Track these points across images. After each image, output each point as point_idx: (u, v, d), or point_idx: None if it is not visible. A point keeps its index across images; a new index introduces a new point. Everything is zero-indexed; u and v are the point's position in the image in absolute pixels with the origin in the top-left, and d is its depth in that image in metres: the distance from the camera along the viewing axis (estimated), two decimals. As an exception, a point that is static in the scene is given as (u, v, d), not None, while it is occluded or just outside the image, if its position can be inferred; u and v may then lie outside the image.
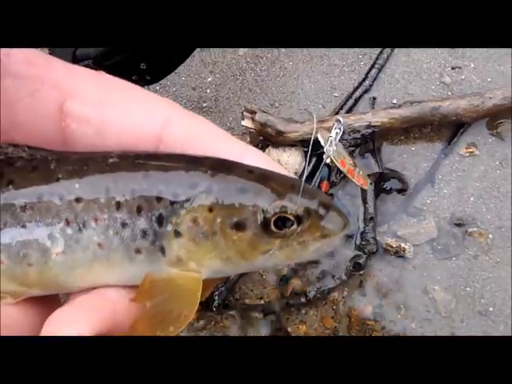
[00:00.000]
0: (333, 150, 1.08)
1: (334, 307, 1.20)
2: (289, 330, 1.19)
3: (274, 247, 0.50)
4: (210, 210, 0.50)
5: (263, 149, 1.27)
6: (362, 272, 1.21)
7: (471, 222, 1.23)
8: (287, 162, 1.25)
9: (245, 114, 1.23)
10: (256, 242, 0.50)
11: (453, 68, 1.33)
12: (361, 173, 1.18)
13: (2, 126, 0.53)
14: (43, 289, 0.53)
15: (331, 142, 1.08)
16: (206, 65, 1.36)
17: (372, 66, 1.32)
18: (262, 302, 1.21)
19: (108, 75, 0.56)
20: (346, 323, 1.19)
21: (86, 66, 1.03)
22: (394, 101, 1.30)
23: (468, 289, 1.20)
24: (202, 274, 0.51)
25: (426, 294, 1.19)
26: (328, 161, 1.10)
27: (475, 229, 1.22)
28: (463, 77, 1.33)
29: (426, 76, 1.33)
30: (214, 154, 0.52)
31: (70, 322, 0.47)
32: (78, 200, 0.51)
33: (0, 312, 0.52)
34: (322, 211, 0.50)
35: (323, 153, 1.16)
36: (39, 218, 0.51)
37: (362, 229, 1.22)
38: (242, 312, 1.21)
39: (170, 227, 0.50)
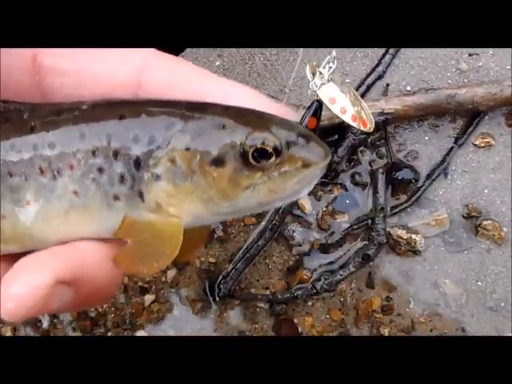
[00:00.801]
0: (322, 87, 0.97)
1: (342, 299, 1.18)
2: (295, 321, 1.17)
3: (255, 181, 0.49)
4: (188, 148, 0.48)
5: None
6: (370, 264, 1.18)
7: (484, 214, 1.19)
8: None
9: (252, 99, 1.19)
10: (236, 177, 0.48)
11: (470, 55, 1.28)
12: (364, 116, 1.06)
13: None
14: (18, 244, 0.52)
15: (320, 77, 0.96)
16: (214, 48, 1.32)
17: (386, 52, 1.28)
18: (268, 292, 1.19)
19: None
20: (353, 316, 1.17)
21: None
22: (408, 88, 1.26)
23: (479, 283, 1.17)
24: (182, 221, 0.50)
25: (436, 288, 1.16)
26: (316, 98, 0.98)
27: (488, 222, 1.19)
28: (480, 64, 1.28)
29: (441, 63, 1.29)
30: (199, 95, 0.50)
31: (32, 268, 0.46)
32: (51, 147, 0.50)
33: None
34: (301, 141, 0.49)
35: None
36: (12, 168, 0.50)
37: (372, 219, 1.19)
38: (247, 302, 1.20)
39: (147, 170, 0.49)
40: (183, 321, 1.20)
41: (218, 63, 1.32)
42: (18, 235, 0.51)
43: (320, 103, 0.98)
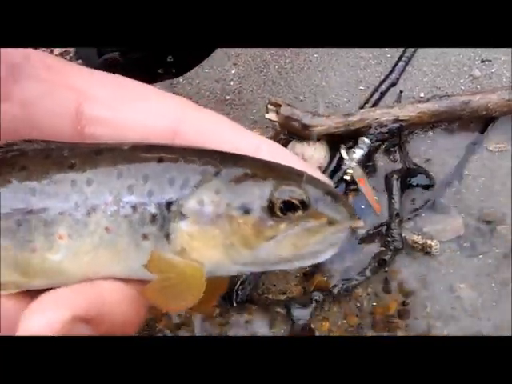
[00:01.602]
0: (355, 168, 1.08)
1: (358, 304, 1.19)
2: (312, 326, 1.19)
3: (278, 233, 0.49)
4: (217, 192, 0.49)
5: (286, 143, 1.26)
6: (386, 269, 1.19)
7: (500, 219, 1.20)
8: (311, 157, 1.23)
9: (269, 106, 1.21)
10: (261, 225, 0.49)
11: (482, 61, 1.30)
12: (375, 197, 1.18)
13: (21, 126, 0.55)
14: (44, 280, 0.52)
15: (354, 158, 1.08)
16: (230, 57, 1.34)
17: (399, 59, 1.29)
18: (285, 297, 1.21)
19: (123, 77, 0.57)
20: (370, 320, 1.18)
21: (113, 58, 1.03)
22: (422, 94, 1.28)
23: (495, 287, 1.18)
24: (204, 268, 0.50)
25: (451, 292, 1.17)
26: (347, 177, 1.10)
27: (503, 226, 1.20)
28: (493, 70, 1.30)
29: (454, 69, 1.30)
30: (231, 147, 0.52)
31: (51, 304, 0.47)
32: (88, 184, 0.51)
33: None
34: (328, 199, 0.50)
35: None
36: (48, 201, 0.51)
37: (388, 224, 1.20)
38: (265, 307, 1.21)
39: (175, 209, 0.50)
40: (201, 326, 1.22)
41: (233, 71, 1.34)
42: (46, 270, 0.52)
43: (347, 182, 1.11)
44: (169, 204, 0.50)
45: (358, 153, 1.12)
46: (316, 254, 0.51)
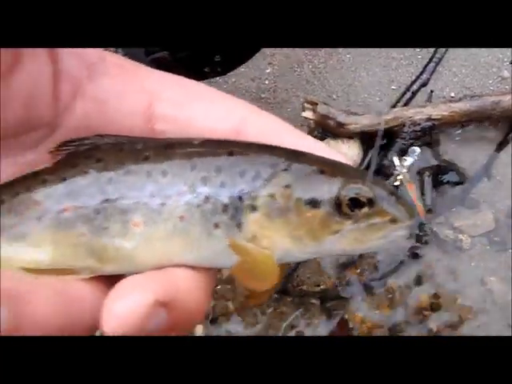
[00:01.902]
0: (404, 175, 1.14)
1: (390, 296, 1.23)
2: (345, 317, 1.23)
3: (344, 228, 0.52)
4: (287, 186, 0.52)
5: (321, 140, 1.30)
6: (418, 262, 1.23)
7: (529, 214, 1.24)
8: (345, 154, 1.27)
9: (305, 105, 1.25)
10: (328, 220, 0.52)
11: (511, 62, 1.34)
12: (419, 203, 1.23)
13: (94, 123, 0.57)
14: (118, 265, 0.55)
15: (404, 166, 1.15)
16: (265, 56, 1.38)
17: (430, 60, 1.33)
18: (319, 289, 1.25)
19: (189, 79, 0.60)
20: (402, 312, 1.22)
21: (162, 57, 1.07)
22: (452, 94, 1.32)
23: (525, 281, 1.22)
24: (274, 254, 0.52)
25: (482, 285, 1.21)
26: (397, 183, 1.16)
27: (532, 221, 1.24)
28: (522, 71, 1.34)
29: (483, 70, 1.34)
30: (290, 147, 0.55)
31: (135, 288, 0.48)
32: (164, 175, 0.54)
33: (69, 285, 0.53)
34: (391, 199, 0.53)
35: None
36: (124, 190, 0.54)
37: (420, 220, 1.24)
38: (299, 298, 1.25)
39: (248, 202, 0.52)
40: (238, 318, 1.26)
41: (268, 71, 1.39)
42: (120, 256, 0.54)
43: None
44: (240, 195, 0.53)
45: (409, 161, 1.18)
46: (375, 247, 0.53)
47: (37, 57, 0.54)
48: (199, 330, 1.26)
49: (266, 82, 1.37)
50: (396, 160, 1.20)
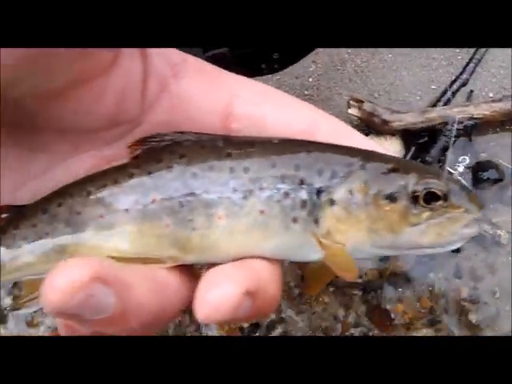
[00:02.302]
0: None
1: (431, 288, 1.28)
2: (387, 307, 1.27)
3: (421, 220, 0.55)
4: (365, 183, 0.55)
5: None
6: (458, 255, 1.28)
7: None
8: (388, 150, 1.32)
9: (351, 102, 1.30)
10: (406, 213, 0.55)
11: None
12: None
13: (175, 119, 0.62)
14: (200, 255, 0.58)
15: (457, 171, 1.21)
16: (309, 55, 1.43)
17: (470, 61, 1.38)
18: (361, 280, 1.29)
19: (262, 83, 0.65)
20: (442, 303, 1.26)
21: (222, 53, 1.11)
22: (491, 94, 1.36)
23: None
24: (345, 248, 0.56)
25: (520, 279, 1.26)
26: None
27: None
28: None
29: (521, 71, 1.39)
30: (361, 145, 0.59)
31: (226, 278, 0.51)
32: (246, 171, 0.56)
33: (157, 274, 0.56)
34: (463, 193, 0.57)
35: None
36: (209, 185, 0.56)
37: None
38: (341, 289, 1.30)
39: (326, 197, 0.55)
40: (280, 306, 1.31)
41: (311, 69, 1.43)
42: (203, 247, 0.57)
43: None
44: (319, 191, 0.56)
45: (461, 168, 1.23)
46: (450, 242, 0.57)
47: (132, 57, 0.58)
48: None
49: (310, 80, 1.42)
50: (450, 169, 1.25)
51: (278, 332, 1.27)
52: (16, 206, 0.60)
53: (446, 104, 1.35)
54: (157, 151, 0.59)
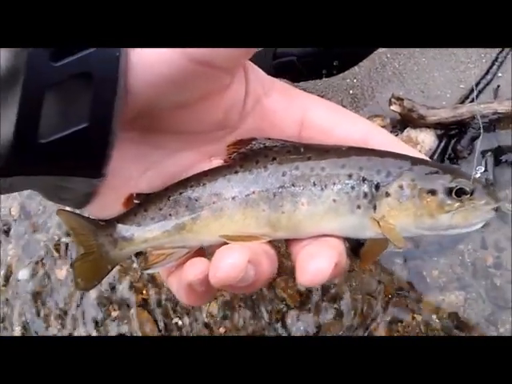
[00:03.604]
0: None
1: (460, 257, 1.50)
2: (424, 273, 1.50)
3: (453, 209, 0.69)
4: (413, 180, 0.69)
5: (402, 130, 1.57)
6: (483, 230, 1.50)
7: None
8: (423, 141, 1.54)
9: (393, 100, 1.52)
10: (442, 203, 0.69)
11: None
12: None
13: (263, 126, 0.74)
14: (286, 232, 0.70)
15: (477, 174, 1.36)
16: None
17: (493, 63, 1.59)
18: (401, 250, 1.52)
19: (326, 100, 0.78)
20: (471, 270, 1.48)
21: (289, 61, 1.33)
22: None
23: None
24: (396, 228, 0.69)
25: (536, 250, 1.48)
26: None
27: None
28: None
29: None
30: (404, 152, 0.73)
31: (320, 254, 0.63)
32: (322, 170, 0.71)
33: (264, 248, 0.68)
34: (485, 189, 0.71)
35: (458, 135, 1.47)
36: (295, 181, 0.70)
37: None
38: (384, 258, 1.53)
39: (383, 190, 0.69)
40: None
41: (356, 71, 1.65)
42: (289, 226, 0.69)
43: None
44: (377, 186, 0.69)
45: (477, 175, 1.42)
46: (473, 225, 0.71)
47: (240, 80, 0.71)
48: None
49: (355, 81, 1.64)
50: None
51: (331, 293, 1.50)
52: (143, 194, 0.72)
53: (472, 101, 1.56)
54: (253, 154, 0.73)
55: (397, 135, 1.57)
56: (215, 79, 0.64)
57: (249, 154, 0.73)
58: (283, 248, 0.86)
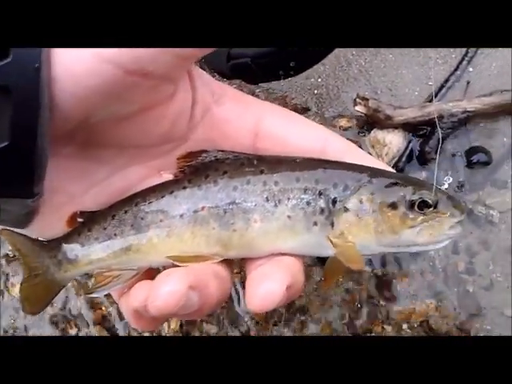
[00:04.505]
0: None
1: (431, 263, 1.44)
2: (393, 281, 1.44)
3: (416, 223, 0.67)
4: (372, 193, 0.68)
5: (369, 130, 1.50)
6: (455, 234, 1.44)
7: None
8: (391, 142, 1.47)
9: (357, 100, 1.45)
10: (404, 218, 0.67)
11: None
12: None
13: (216, 137, 0.72)
14: (239, 251, 0.69)
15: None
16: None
17: (462, 59, 1.52)
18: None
19: (282, 107, 0.76)
20: (442, 277, 1.42)
21: (243, 62, 1.25)
22: (483, 89, 1.50)
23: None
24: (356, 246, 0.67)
25: (510, 253, 1.42)
26: None
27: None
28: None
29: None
30: (369, 163, 0.71)
31: (271, 277, 0.61)
32: (276, 184, 0.69)
33: (213, 268, 0.66)
34: (450, 201, 0.69)
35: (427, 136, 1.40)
36: (246, 196, 0.68)
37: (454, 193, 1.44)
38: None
39: (340, 205, 0.67)
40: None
41: (320, 70, 1.57)
42: (242, 245, 0.68)
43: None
44: (334, 201, 0.68)
45: (445, 185, 1.36)
46: (439, 241, 0.69)
47: (185, 89, 0.69)
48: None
49: (319, 80, 1.57)
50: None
51: (296, 305, 1.44)
52: (88, 212, 0.70)
53: (441, 99, 1.49)
54: (203, 168, 0.70)
55: (364, 136, 1.50)
56: (155, 89, 0.62)
57: (200, 168, 0.70)
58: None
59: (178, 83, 0.66)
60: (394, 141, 1.47)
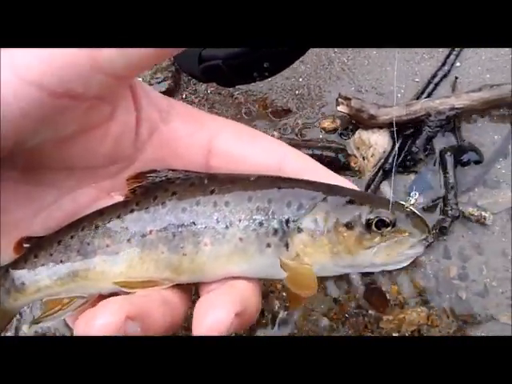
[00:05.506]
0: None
1: (422, 269, 1.37)
2: (383, 289, 1.37)
3: (373, 243, 0.63)
4: (327, 213, 0.64)
5: (353, 131, 1.43)
6: (445, 237, 1.37)
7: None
8: (376, 143, 1.41)
9: (340, 100, 1.38)
10: (361, 238, 0.63)
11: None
12: None
13: (167, 155, 0.69)
14: (190, 276, 0.66)
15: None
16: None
17: (450, 53, 1.45)
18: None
19: (238, 122, 0.72)
20: (434, 283, 1.36)
21: (216, 65, 1.19)
22: (472, 84, 1.43)
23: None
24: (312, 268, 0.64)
25: (504, 256, 1.35)
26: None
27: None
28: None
29: (501, 61, 1.46)
30: (324, 179, 0.67)
31: (218, 305, 0.58)
32: (227, 205, 0.65)
33: (162, 294, 0.63)
34: (409, 219, 0.65)
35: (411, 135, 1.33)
36: (196, 217, 0.65)
37: (445, 195, 1.37)
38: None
39: (294, 225, 0.64)
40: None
41: (301, 69, 1.51)
42: (192, 269, 0.65)
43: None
44: (288, 221, 0.64)
45: (412, 201, 1.29)
46: (399, 262, 0.65)
47: (127, 108, 0.66)
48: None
49: (300, 80, 1.50)
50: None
51: (281, 317, 1.37)
52: (35, 237, 0.68)
53: (429, 96, 1.43)
54: (153, 189, 0.68)
55: (348, 137, 1.43)
56: (91, 110, 0.61)
57: (150, 188, 0.68)
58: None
59: (117, 103, 0.64)
60: (380, 141, 1.40)
